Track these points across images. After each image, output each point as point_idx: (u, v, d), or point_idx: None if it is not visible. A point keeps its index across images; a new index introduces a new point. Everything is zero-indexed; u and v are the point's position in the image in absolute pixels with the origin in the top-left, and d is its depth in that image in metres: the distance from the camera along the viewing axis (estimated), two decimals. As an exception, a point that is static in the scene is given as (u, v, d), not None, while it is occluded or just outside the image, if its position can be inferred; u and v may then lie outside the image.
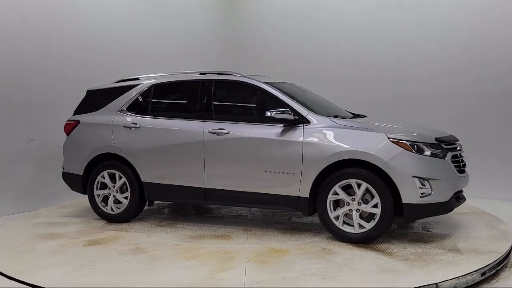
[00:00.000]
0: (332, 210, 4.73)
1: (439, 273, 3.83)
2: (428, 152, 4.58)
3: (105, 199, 5.73)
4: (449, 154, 4.72)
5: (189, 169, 5.30)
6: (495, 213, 5.94)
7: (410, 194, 4.45)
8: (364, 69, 8.30)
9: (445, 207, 4.65)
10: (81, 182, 5.84)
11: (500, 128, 7.32)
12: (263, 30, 9.48)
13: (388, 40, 8.14)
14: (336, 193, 4.69)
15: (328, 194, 4.71)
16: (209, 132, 5.19)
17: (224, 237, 5.00)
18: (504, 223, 5.44)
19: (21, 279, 3.88)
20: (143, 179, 5.51)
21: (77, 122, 5.95)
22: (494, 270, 4.10)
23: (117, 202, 5.68)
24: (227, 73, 5.60)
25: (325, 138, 4.76)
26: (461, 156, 4.98)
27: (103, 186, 5.75)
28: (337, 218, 4.71)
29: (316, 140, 4.77)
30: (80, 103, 6.16)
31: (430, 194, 4.49)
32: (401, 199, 4.48)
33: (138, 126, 5.55)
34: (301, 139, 4.81)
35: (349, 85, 8.39)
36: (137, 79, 5.99)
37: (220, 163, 5.16)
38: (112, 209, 5.69)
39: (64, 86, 6.23)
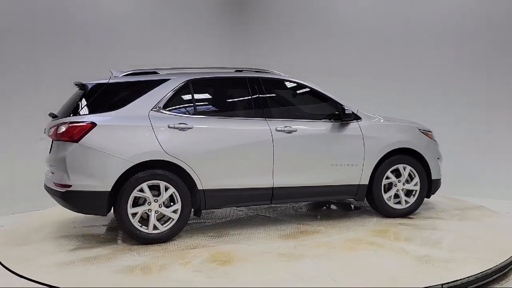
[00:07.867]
0: (384, 192, 5.60)
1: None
2: (434, 139, 6.03)
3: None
4: None
5: (256, 170, 5.06)
6: (505, 213, 6.09)
7: (435, 172, 5.83)
8: (366, 69, 8.44)
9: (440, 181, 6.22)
10: (106, 201, 4.58)
11: (510, 127, 7.27)
12: (270, 25, 9.38)
13: (396, 37, 8.15)
14: (387, 177, 5.59)
15: (382, 179, 5.56)
16: (276, 130, 5.12)
17: (314, 233, 5.06)
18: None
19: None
20: (200, 187, 4.85)
21: (92, 124, 4.59)
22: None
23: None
24: (261, 70, 5.62)
25: (380, 131, 5.58)
26: None
27: (135, 202, 4.71)
28: (389, 198, 5.61)
29: (373, 133, 5.52)
30: (80, 100, 4.72)
31: (440, 171, 5.97)
32: (430, 176, 5.79)
33: (191, 126, 4.84)
34: (360, 133, 5.46)
35: (348, 84, 8.40)
36: (155, 73, 5.11)
37: (289, 160, 5.18)
38: (155, 228, 4.73)
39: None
